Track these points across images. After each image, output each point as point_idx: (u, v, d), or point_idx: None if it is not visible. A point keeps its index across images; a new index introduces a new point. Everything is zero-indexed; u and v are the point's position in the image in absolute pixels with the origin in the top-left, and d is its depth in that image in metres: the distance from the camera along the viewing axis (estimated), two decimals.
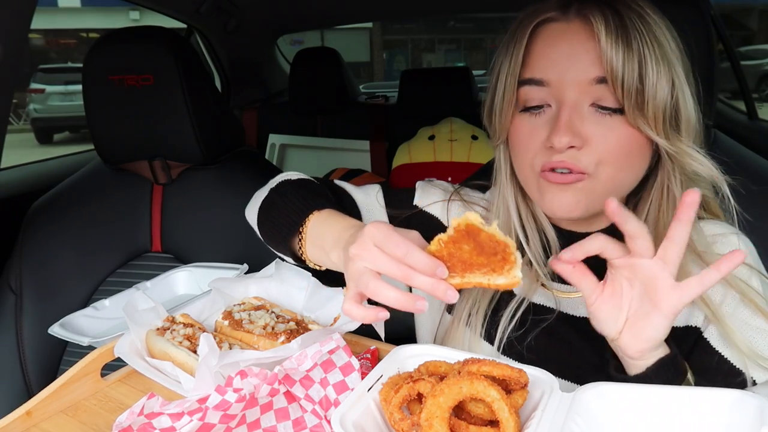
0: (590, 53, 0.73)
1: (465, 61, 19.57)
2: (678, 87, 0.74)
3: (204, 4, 2.31)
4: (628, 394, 0.63)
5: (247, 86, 2.98)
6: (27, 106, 11.16)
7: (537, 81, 0.76)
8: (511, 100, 0.78)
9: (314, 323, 0.85)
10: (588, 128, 0.74)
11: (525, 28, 0.77)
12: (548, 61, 0.76)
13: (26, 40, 1.13)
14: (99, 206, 1.42)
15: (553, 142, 0.73)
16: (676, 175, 0.78)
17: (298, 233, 0.78)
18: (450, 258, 0.61)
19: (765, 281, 0.81)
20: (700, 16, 1.06)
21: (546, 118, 0.77)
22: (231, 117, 1.54)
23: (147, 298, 0.88)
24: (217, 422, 0.63)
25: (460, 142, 2.35)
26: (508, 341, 0.84)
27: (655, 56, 0.72)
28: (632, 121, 0.73)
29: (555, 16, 0.77)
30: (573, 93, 0.74)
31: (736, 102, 2.30)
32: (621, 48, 0.71)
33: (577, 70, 0.74)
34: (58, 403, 0.78)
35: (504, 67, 0.79)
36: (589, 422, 0.61)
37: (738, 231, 0.84)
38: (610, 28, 0.71)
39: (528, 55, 0.77)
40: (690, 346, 0.80)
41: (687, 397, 0.61)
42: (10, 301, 1.37)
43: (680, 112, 0.75)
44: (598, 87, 0.73)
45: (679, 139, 0.75)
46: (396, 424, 0.62)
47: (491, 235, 0.61)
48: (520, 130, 0.79)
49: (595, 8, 0.73)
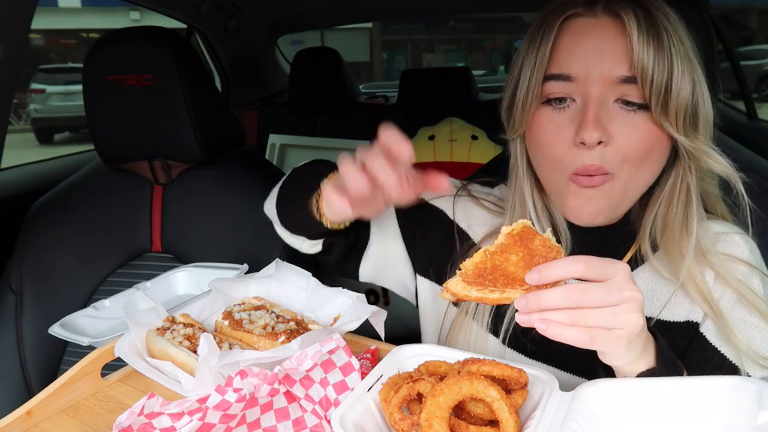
0: (618, 50, 0.73)
1: (465, 61, 19.57)
2: (698, 86, 0.75)
3: (204, 4, 2.31)
4: (626, 388, 0.63)
5: (247, 86, 2.98)
6: (27, 106, 11.15)
7: (564, 76, 0.76)
8: (535, 95, 0.78)
9: (314, 323, 0.85)
10: (613, 125, 0.74)
11: (552, 22, 0.77)
12: (575, 56, 0.75)
13: (26, 40, 1.13)
14: (99, 206, 1.42)
15: (584, 138, 0.73)
16: (693, 171, 0.78)
17: (317, 194, 0.80)
18: (494, 271, 0.61)
19: (766, 281, 0.82)
20: (700, 16, 1.06)
21: (570, 114, 0.76)
22: (231, 117, 1.54)
23: (147, 298, 0.88)
24: (217, 422, 0.63)
25: (460, 142, 2.35)
26: (513, 333, 0.85)
27: (680, 56, 0.73)
28: (656, 119, 0.73)
29: (581, 11, 0.77)
30: (599, 89, 0.74)
31: (736, 102, 2.30)
32: (653, 47, 0.71)
33: (605, 66, 0.74)
34: (59, 403, 0.78)
35: (529, 61, 0.78)
36: (589, 420, 0.61)
37: (742, 231, 0.84)
38: (642, 26, 0.72)
39: (554, 50, 0.77)
40: (688, 341, 0.81)
41: (686, 387, 0.62)
42: (11, 301, 1.37)
43: (699, 111, 0.76)
44: (623, 85, 0.74)
45: (697, 136, 0.76)
46: (396, 424, 0.62)
47: (545, 239, 0.61)
48: (544, 126, 0.78)
49: (625, 5, 0.73)
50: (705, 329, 0.80)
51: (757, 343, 0.77)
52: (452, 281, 0.62)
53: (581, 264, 0.59)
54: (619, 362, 0.64)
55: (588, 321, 0.58)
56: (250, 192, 1.41)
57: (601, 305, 0.59)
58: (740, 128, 2.15)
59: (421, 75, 2.81)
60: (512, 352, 0.87)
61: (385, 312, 0.83)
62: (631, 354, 0.63)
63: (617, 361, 0.64)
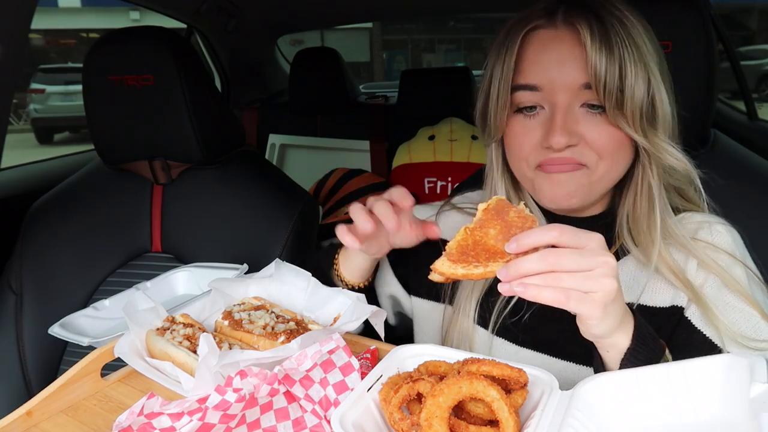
0: (577, 60, 0.77)
1: (465, 61, 19.56)
2: (654, 85, 0.78)
3: (204, 4, 2.31)
4: (623, 380, 0.64)
5: (247, 86, 2.98)
6: (27, 106, 11.15)
7: (530, 87, 0.80)
8: (505, 104, 0.82)
9: (314, 323, 0.85)
10: (582, 127, 0.79)
11: (515, 35, 0.81)
12: (539, 67, 0.80)
13: (26, 40, 1.13)
14: (99, 206, 1.42)
15: (551, 143, 0.78)
16: (653, 168, 0.82)
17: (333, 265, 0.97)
18: (475, 246, 0.64)
19: (749, 272, 0.84)
20: (700, 16, 1.06)
21: (540, 120, 0.81)
22: (231, 117, 1.54)
23: (147, 298, 0.88)
24: (217, 422, 0.63)
25: (460, 142, 2.35)
26: (503, 325, 0.88)
27: (633, 59, 0.76)
28: (613, 120, 0.77)
29: (543, 23, 0.81)
30: (564, 96, 0.79)
31: (736, 102, 2.30)
32: (604, 54, 0.75)
33: (567, 75, 0.78)
34: (58, 403, 0.78)
35: (497, 72, 0.83)
36: (589, 415, 0.61)
37: (724, 221, 0.87)
38: (595, 35, 0.75)
39: (519, 62, 0.81)
40: (673, 326, 0.83)
41: (680, 370, 0.63)
42: (11, 301, 1.37)
43: (657, 109, 0.79)
44: (586, 91, 0.78)
45: (656, 135, 0.80)
46: (396, 424, 0.62)
47: (519, 210, 0.65)
48: (515, 130, 0.83)
49: (580, 15, 0.77)
50: (690, 314, 0.82)
51: (741, 326, 0.80)
52: (439, 262, 0.65)
53: (556, 231, 0.62)
54: (597, 330, 0.65)
55: (563, 283, 0.61)
56: (250, 192, 1.41)
57: (575, 269, 0.61)
58: (740, 128, 2.15)
59: (421, 75, 2.81)
60: (502, 341, 0.89)
61: (385, 312, 0.83)
62: (608, 321, 0.65)
63: (595, 328, 0.65)
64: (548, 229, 0.62)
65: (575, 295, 0.61)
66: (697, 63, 1.06)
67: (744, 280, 0.82)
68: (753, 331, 0.79)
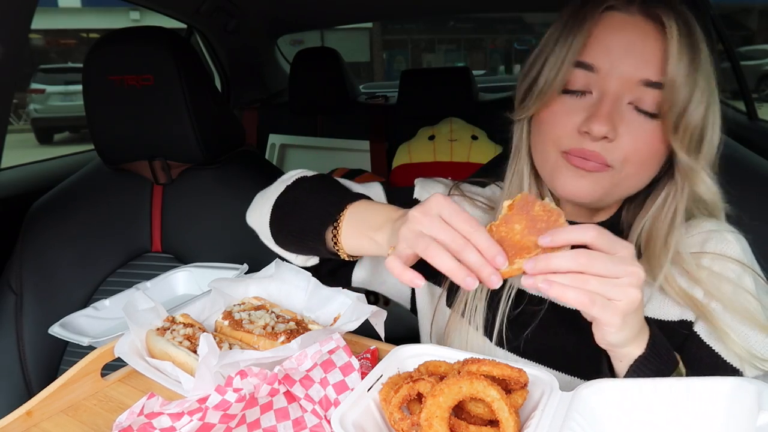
0: (647, 51, 0.73)
1: (465, 61, 19.57)
2: (711, 111, 0.75)
3: (204, 4, 2.31)
4: (626, 389, 0.63)
5: (247, 86, 2.98)
6: (27, 106, 11.14)
7: (587, 65, 0.76)
8: (562, 79, 0.77)
9: (314, 323, 0.85)
10: (623, 125, 0.75)
11: (590, 12, 0.77)
12: (604, 48, 0.75)
13: (26, 40, 1.13)
14: (99, 206, 1.42)
15: (592, 129, 0.73)
16: (684, 192, 0.79)
17: (333, 225, 0.80)
18: (501, 243, 0.63)
19: (758, 280, 0.82)
20: (700, 16, 1.06)
21: (585, 104, 0.77)
22: (231, 117, 1.54)
23: (147, 298, 0.88)
24: (217, 422, 0.63)
25: (459, 142, 2.35)
26: (506, 335, 0.86)
27: (704, 78, 0.73)
28: (665, 131, 0.74)
29: (618, 5, 0.77)
30: (618, 86, 0.74)
31: (736, 102, 2.30)
32: (686, 62, 0.71)
33: (630, 65, 0.74)
34: (59, 403, 0.78)
35: (559, 47, 0.78)
36: (590, 420, 0.61)
37: (734, 229, 0.84)
38: (683, 37, 0.72)
39: (586, 39, 0.76)
40: (682, 340, 0.81)
41: (685, 387, 0.62)
42: (11, 301, 1.37)
43: (706, 135, 0.76)
44: (643, 88, 0.74)
45: (697, 160, 0.76)
46: (396, 424, 0.62)
47: (544, 204, 0.64)
48: (556, 109, 0.79)
49: (667, 10, 0.73)
50: (698, 328, 0.80)
51: (751, 343, 0.78)
52: None
53: (594, 231, 0.61)
54: (614, 338, 0.65)
55: (590, 286, 0.60)
56: (250, 192, 1.40)
57: (604, 274, 0.60)
58: (740, 128, 2.15)
59: (421, 75, 2.81)
60: (505, 352, 0.87)
61: (385, 312, 0.83)
62: (625, 331, 0.64)
63: (611, 336, 0.64)
64: (586, 229, 0.61)
65: (599, 301, 0.60)
66: None
67: (753, 290, 0.80)
68: (762, 348, 0.77)
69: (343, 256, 0.81)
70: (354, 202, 0.80)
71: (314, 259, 0.91)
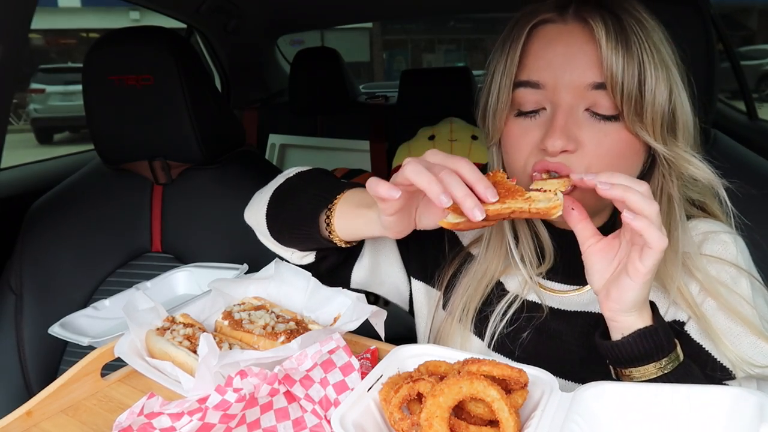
0: (587, 57, 0.73)
1: (465, 61, 19.56)
2: (675, 92, 0.74)
3: (204, 4, 2.31)
4: (627, 392, 0.63)
5: (247, 86, 2.98)
6: (27, 106, 11.15)
7: (532, 83, 0.76)
8: (506, 102, 0.77)
9: (314, 323, 0.85)
10: (583, 133, 0.74)
11: (522, 28, 0.77)
12: (544, 62, 0.75)
13: (26, 40, 1.13)
14: (99, 206, 1.42)
15: (547, 145, 0.73)
16: (673, 179, 0.78)
17: (326, 208, 0.80)
18: (494, 185, 0.65)
19: (755, 283, 0.81)
20: (700, 16, 1.06)
21: (540, 121, 0.76)
22: (231, 117, 1.54)
23: (147, 298, 0.88)
24: (217, 422, 0.63)
25: (460, 142, 2.35)
26: (500, 339, 0.85)
27: (653, 62, 0.72)
28: (630, 127, 0.73)
29: (552, 17, 0.77)
30: (568, 96, 0.74)
31: (736, 102, 2.30)
32: (621, 53, 0.70)
33: (573, 73, 0.73)
34: (58, 403, 0.78)
35: (499, 68, 0.78)
36: (590, 421, 0.61)
37: (732, 230, 0.84)
38: (611, 32, 0.71)
39: (524, 57, 0.76)
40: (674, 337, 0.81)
41: (686, 395, 0.61)
42: (10, 301, 1.37)
43: (677, 117, 0.75)
44: (594, 92, 0.73)
45: (676, 144, 0.75)
46: (396, 424, 0.62)
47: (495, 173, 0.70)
48: (513, 132, 0.79)
49: (594, 12, 0.73)
50: (689, 327, 0.80)
51: (744, 348, 0.77)
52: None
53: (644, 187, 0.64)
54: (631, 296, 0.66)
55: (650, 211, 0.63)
56: (250, 192, 1.40)
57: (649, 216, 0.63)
58: (740, 128, 2.15)
59: (421, 75, 2.81)
60: (499, 357, 0.86)
61: (385, 312, 0.83)
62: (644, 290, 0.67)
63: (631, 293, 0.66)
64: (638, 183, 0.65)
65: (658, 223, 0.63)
66: (697, 63, 1.06)
67: (748, 294, 0.79)
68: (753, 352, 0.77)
69: (336, 242, 0.81)
70: (349, 189, 0.81)
71: (310, 255, 0.91)
